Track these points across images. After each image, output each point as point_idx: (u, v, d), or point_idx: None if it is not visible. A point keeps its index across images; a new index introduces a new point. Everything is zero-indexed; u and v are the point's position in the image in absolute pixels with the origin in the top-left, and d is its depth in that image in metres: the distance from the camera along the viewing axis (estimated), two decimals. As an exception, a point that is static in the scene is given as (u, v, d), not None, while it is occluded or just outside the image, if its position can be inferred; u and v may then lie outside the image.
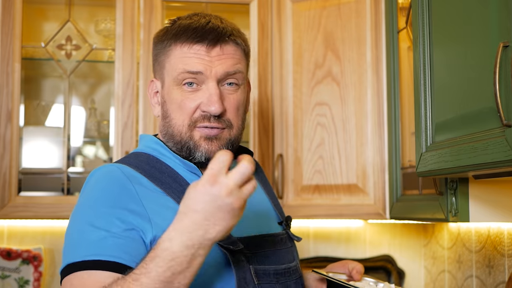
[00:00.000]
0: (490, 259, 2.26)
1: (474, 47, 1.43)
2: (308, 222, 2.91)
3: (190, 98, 1.51)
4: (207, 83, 1.51)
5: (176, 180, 1.49)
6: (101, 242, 1.35)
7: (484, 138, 1.37)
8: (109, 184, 1.43)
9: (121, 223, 1.37)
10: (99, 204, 1.40)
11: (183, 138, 1.52)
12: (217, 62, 1.51)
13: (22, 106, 2.58)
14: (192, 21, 1.53)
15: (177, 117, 1.52)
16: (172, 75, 1.52)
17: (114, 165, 1.49)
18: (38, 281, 2.71)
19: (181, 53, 1.51)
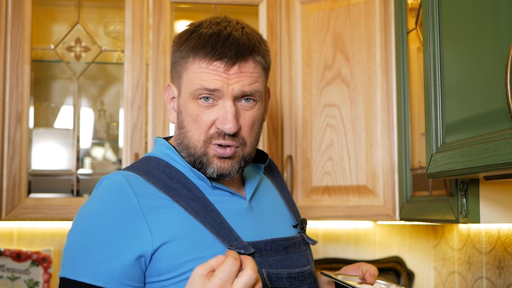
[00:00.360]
0: (501, 260, 2.25)
1: (485, 48, 1.43)
2: (318, 224, 2.91)
3: (206, 113, 1.50)
4: (224, 100, 1.49)
5: (186, 185, 1.50)
6: (94, 266, 1.39)
7: (495, 139, 1.36)
8: (112, 199, 1.44)
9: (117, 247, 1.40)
10: (100, 224, 1.42)
11: (197, 152, 1.52)
12: (234, 80, 1.48)
13: (32, 108, 2.58)
14: (212, 31, 1.50)
15: (193, 130, 1.51)
16: (188, 88, 1.51)
17: (122, 173, 1.49)
18: (48, 283, 2.72)
19: (199, 68, 1.49)
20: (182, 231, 1.43)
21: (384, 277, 2.91)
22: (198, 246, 1.43)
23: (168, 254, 1.41)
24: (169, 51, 2.56)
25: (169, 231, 1.42)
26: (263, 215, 1.59)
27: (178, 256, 1.41)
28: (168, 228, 1.42)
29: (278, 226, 1.61)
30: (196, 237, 1.43)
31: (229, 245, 1.44)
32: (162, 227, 1.42)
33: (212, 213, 1.47)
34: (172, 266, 1.40)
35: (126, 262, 1.39)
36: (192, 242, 1.42)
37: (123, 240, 1.39)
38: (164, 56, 2.56)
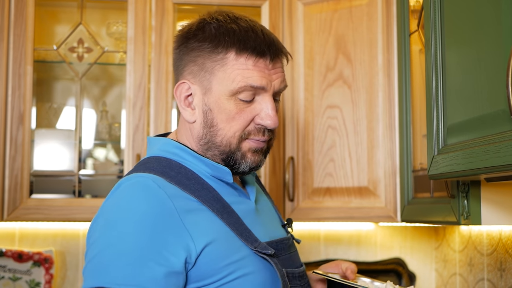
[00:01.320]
0: (502, 262, 2.25)
1: (487, 50, 1.43)
2: (319, 225, 2.91)
3: (246, 111, 1.47)
4: (263, 96, 1.47)
5: (204, 186, 1.46)
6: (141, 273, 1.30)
7: (497, 141, 1.36)
8: (148, 202, 1.35)
9: (160, 255, 1.32)
10: (140, 228, 1.33)
11: (232, 148, 1.48)
12: (274, 76, 1.48)
13: (34, 108, 2.59)
14: (244, 25, 1.47)
15: (227, 128, 1.47)
16: (227, 86, 1.45)
17: (147, 176, 1.40)
18: (49, 284, 2.72)
19: (243, 66, 1.45)
20: (216, 234, 1.39)
21: (385, 279, 2.92)
22: (231, 249, 1.40)
23: (208, 259, 1.36)
24: (171, 52, 2.56)
25: (206, 235, 1.37)
26: (265, 216, 1.60)
27: (217, 260, 1.37)
28: (205, 232, 1.37)
29: (276, 227, 1.61)
30: (228, 240, 1.41)
31: (253, 247, 1.42)
32: (199, 231, 1.37)
33: (232, 215, 1.45)
34: (213, 271, 1.37)
35: (170, 268, 1.32)
36: (227, 246, 1.39)
37: (166, 245, 1.32)
38: (166, 57, 2.56)
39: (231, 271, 1.38)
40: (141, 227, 1.32)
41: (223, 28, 1.47)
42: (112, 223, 1.34)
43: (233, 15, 1.51)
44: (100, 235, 1.34)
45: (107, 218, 1.36)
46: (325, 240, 2.93)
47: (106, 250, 1.32)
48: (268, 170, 2.56)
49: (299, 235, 2.88)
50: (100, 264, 1.31)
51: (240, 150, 1.49)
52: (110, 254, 1.31)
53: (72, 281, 2.80)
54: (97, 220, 1.38)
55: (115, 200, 1.38)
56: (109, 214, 1.36)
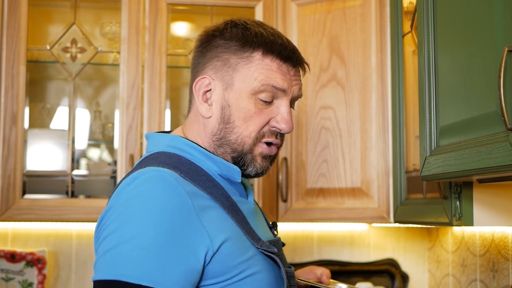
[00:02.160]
0: (495, 263, 2.26)
1: (479, 52, 1.43)
2: (312, 226, 2.91)
3: (264, 113, 1.48)
4: (281, 100, 1.50)
5: (214, 183, 1.45)
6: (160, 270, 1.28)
7: (489, 142, 1.37)
8: (168, 197, 1.33)
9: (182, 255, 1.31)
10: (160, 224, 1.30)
11: (244, 149, 1.49)
12: (294, 83, 1.51)
13: (27, 108, 2.58)
14: (270, 31, 1.50)
15: (244, 126, 1.48)
16: (250, 84, 1.47)
17: (165, 171, 1.38)
18: (42, 284, 2.72)
19: (269, 66, 1.47)
20: (230, 232, 1.39)
21: (378, 280, 2.92)
22: (242, 248, 1.40)
23: (223, 256, 1.36)
24: (165, 52, 2.57)
25: (222, 233, 1.37)
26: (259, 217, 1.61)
27: (231, 258, 1.37)
28: (220, 229, 1.37)
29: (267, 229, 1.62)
30: (239, 238, 1.41)
31: (259, 246, 1.43)
32: (215, 229, 1.36)
33: (239, 213, 1.45)
34: (226, 269, 1.36)
35: (189, 266, 1.31)
36: (239, 244, 1.40)
37: (185, 242, 1.31)
38: (160, 57, 2.56)
39: (242, 270, 1.38)
40: (161, 223, 1.30)
41: (251, 30, 1.50)
42: (131, 217, 1.31)
43: (258, 21, 1.55)
44: (117, 227, 1.31)
45: (124, 211, 1.33)
46: (318, 240, 2.93)
47: (124, 244, 1.29)
48: (261, 171, 2.56)
49: (292, 235, 2.88)
50: (117, 257, 1.29)
51: (252, 152, 1.50)
52: (128, 248, 1.28)
53: (65, 281, 2.80)
54: (112, 212, 1.35)
55: (133, 193, 1.35)
56: (127, 206, 1.33)
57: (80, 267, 2.80)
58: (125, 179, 1.40)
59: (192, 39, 2.79)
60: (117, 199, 1.36)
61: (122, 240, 1.29)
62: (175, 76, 2.86)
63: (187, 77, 2.90)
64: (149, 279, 1.26)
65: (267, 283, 1.42)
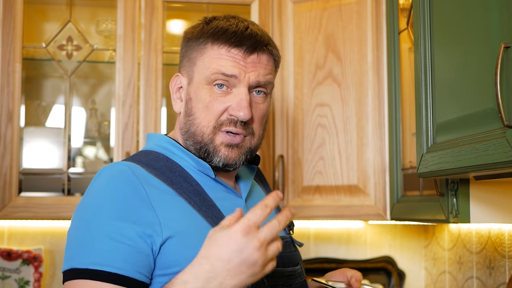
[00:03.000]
0: (491, 260, 2.26)
1: (476, 48, 1.43)
2: (309, 223, 2.91)
3: (219, 100, 1.50)
4: (239, 88, 1.50)
5: (187, 180, 1.48)
6: (107, 252, 1.33)
7: (485, 139, 1.37)
8: (119, 187, 1.39)
9: (128, 234, 1.35)
10: (109, 209, 1.37)
11: (205, 139, 1.51)
12: (251, 69, 1.50)
13: (23, 106, 2.58)
14: (230, 23, 1.52)
15: (202, 117, 1.51)
16: (203, 74, 1.51)
17: (125, 164, 1.45)
18: (39, 282, 2.71)
19: (217, 54, 1.50)
20: (188, 225, 1.41)
21: (375, 277, 2.92)
22: (203, 241, 1.39)
23: (176, 247, 1.38)
24: (161, 50, 2.57)
25: (176, 224, 1.39)
26: None
27: (185, 250, 1.37)
28: (175, 221, 1.39)
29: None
30: (201, 231, 1.40)
31: None
32: (169, 219, 1.39)
33: (212, 209, 1.46)
34: (179, 260, 1.37)
35: (139, 249, 1.35)
36: (198, 237, 1.38)
37: (135, 227, 1.35)
38: (155, 55, 2.56)
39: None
40: (109, 208, 1.36)
41: (213, 24, 1.53)
42: (84, 207, 1.40)
43: (232, 16, 1.57)
44: (74, 219, 1.41)
45: (82, 202, 1.42)
46: (315, 238, 2.93)
47: (77, 233, 1.38)
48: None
49: (289, 233, 2.88)
50: (71, 246, 1.38)
51: (213, 142, 1.51)
52: (79, 236, 1.37)
53: (61, 279, 2.79)
54: (77, 206, 1.44)
55: (91, 186, 1.44)
56: (84, 198, 1.42)
57: (77, 265, 2.79)
58: None
59: (188, 37, 2.78)
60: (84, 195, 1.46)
61: (76, 230, 1.38)
62: (171, 73, 2.83)
63: (183, 74, 2.90)
64: (100, 263, 1.32)
65: None
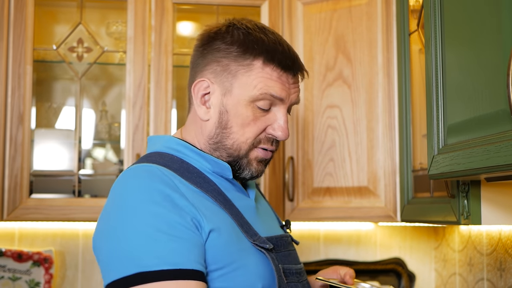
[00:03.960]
0: (502, 262, 2.25)
1: (487, 49, 1.43)
2: (319, 225, 2.91)
3: (261, 120, 1.50)
4: (279, 108, 1.51)
5: (205, 180, 1.48)
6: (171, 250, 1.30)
7: (497, 141, 1.36)
8: (154, 185, 1.37)
9: (180, 227, 1.33)
10: (155, 211, 1.33)
11: (240, 154, 1.51)
12: (293, 91, 1.53)
13: (34, 108, 2.59)
14: (273, 38, 1.50)
15: (241, 133, 1.50)
16: (249, 91, 1.48)
17: (150, 164, 1.43)
18: (49, 283, 2.72)
19: (268, 75, 1.48)
20: (222, 222, 1.41)
21: (385, 279, 2.92)
22: (234, 238, 1.41)
23: (214, 244, 1.37)
24: (171, 51, 2.57)
25: (214, 220, 1.38)
26: (264, 215, 1.61)
27: (222, 247, 1.38)
28: (212, 216, 1.39)
29: (275, 227, 1.63)
30: (231, 229, 1.42)
31: (252, 240, 1.44)
32: (208, 214, 1.38)
33: (233, 208, 1.47)
34: (217, 257, 1.37)
35: (195, 241, 1.33)
36: (231, 234, 1.41)
37: (185, 222, 1.33)
38: (166, 56, 2.56)
39: (233, 260, 1.39)
40: (153, 206, 1.33)
41: (252, 36, 1.50)
42: (124, 210, 1.35)
43: (261, 25, 1.55)
44: (114, 225, 1.35)
45: (117, 208, 1.37)
46: (324, 240, 2.93)
47: (129, 237, 1.31)
48: (268, 170, 2.56)
49: (299, 235, 2.88)
50: (126, 252, 1.30)
51: (247, 157, 1.52)
52: (132, 240, 1.31)
53: (72, 280, 2.80)
54: (105, 212, 1.39)
55: (121, 188, 1.39)
56: (118, 203, 1.37)
57: (87, 267, 2.80)
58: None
59: (198, 39, 2.79)
60: (108, 200, 1.41)
61: (125, 234, 1.32)
62: (181, 75, 2.86)
63: (193, 76, 2.91)
64: (168, 262, 1.28)
65: (258, 277, 1.42)
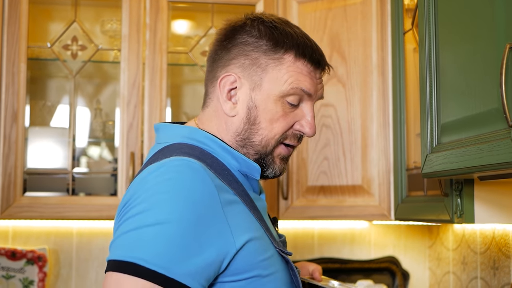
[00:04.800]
0: (495, 260, 2.26)
1: (481, 49, 1.43)
2: (313, 223, 2.91)
3: (290, 116, 1.48)
4: (307, 104, 1.50)
5: (234, 179, 1.43)
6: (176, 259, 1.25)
7: (490, 140, 1.37)
8: (198, 189, 1.30)
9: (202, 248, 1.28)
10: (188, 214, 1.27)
11: (267, 150, 1.48)
12: (319, 86, 1.52)
13: (28, 106, 2.58)
14: (300, 33, 1.49)
15: (269, 128, 1.47)
16: (279, 86, 1.46)
17: (193, 161, 1.34)
18: (43, 282, 2.72)
19: (299, 69, 1.46)
20: (254, 230, 1.37)
21: (379, 277, 2.92)
22: (265, 245, 1.39)
23: (246, 253, 1.34)
24: (166, 50, 2.57)
25: (245, 230, 1.35)
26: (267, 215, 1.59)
27: (254, 256, 1.35)
28: (243, 227, 1.35)
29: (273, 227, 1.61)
30: (262, 236, 1.39)
31: (276, 245, 1.42)
32: (239, 225, 1.34)
33: (257, 212, 1.44)
34: (249, 266, 1.34)
35: (207, 261, 1.28)
36: (262, 242, 1.38)
37: (207, 237, 1.28)
38: (160, 55, 2.56)
39: (264, 268, 1.37)
40: (187, 213, 1.27)
41: (280, 30, 1.47)
42: (158, 202, 1.28)
43: (284, 19, 1.53)
44: (142, 210, 1.27)
45: (152, 195, 1.29)
46: (319, 238, 2.93)
47: (147, 228, 1.25)
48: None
49: (293, 233, 2.89)
50: (137, 239, 1.25)
51: (272, 153, 1.49)
52: (150, 232, 1.25)
53: (66, 279, 2.80)
54: (138, 196, 1.30)
55: (159, 179, 1.30)
56: (155, 192, 1.29)
57: (81, 265, 2.80)
58: (148, 167, 1.36)
59: (193, 37, 2.79)
60: (142, 185, 1.32)
61: (145, 223, 1.26)
62: (176, 74, 2.86)
63: (188, 75, 2.90)
64: (164, 267, 1.23)
65: (285, 283, 1.42)
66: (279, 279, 1.40)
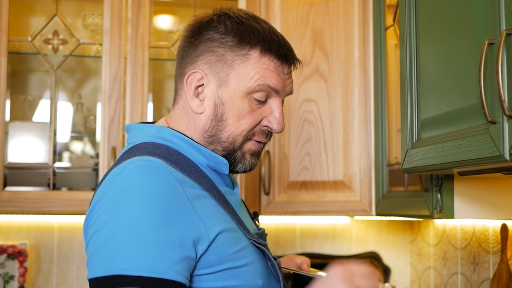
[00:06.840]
0: (475, 256, 2.27)
1: (460, 44, 1.44)
2: (295, 219, 2.91)
3: (257, 112, 1.47)
4: (275, 100, 1.48)
5: (202, 174, 1.43)
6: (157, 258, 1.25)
7: (469, 135, 1.37)
8: (161, 187, 1.30)
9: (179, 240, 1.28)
10: (156, 213, 1.27)
11: (234, 146, 1.47)
12: (288, 82, 1.50)
13: (8, 101, 2.57)
14: (266, 27, 1.48)
15: (236, 125, 1.46)
16: (245, 83, 1.45)
17: (155, 160, 1.34)
18: (23, 277, 2.70)
19: (265, 66, 1.45)
20: (224, 223, 1.38)
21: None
22: (236, 237, 1.39)
23: (218, 245, 1.34)
24: (148, 44, 2.56)
25: (216, 222, 1.35)
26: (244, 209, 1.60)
27: (226, 248, 1.35)
28: (214, 218, 1.35)
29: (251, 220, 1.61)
30: (233, 228, 1.40)
31: (250, 237, 1.42)
32: (210, 218, 1.34)
33: (228, 205, 1.44)
34: (221, 258, 1.35)
35: (186, 254, 1.28)
36: (233, 234, 1.38)
37: (181, 231, 1.28)
38: (142, 49, 2.55)
39: (236, 259, 1.37)
40: (156, 212, 1.27)
41: (247, 25, 1.46)
42: (124, 207, 1.27)
43: (252, 14, 1.51)
44: (109, 219, 1.27)
45: (117, 202, 1.28)
46: (300, 233, 2.93)
47: (119, 235, 1.25)
48: (244, 164, 2.56)
49: (275, 228, 2.89)
50: (112, 250, 1.25)
51: (241, 149, 1.48)
52: (124, 238, 1.24)
53: (47, 274, 2.79)
54: (102, 204, 1.30)
55: (123, 183, 1.30)
56: (119, 197, 1.29)
57: (62, 260, 2.79)
58: (112, 170, 1.36)
59: (175, 32, 2.78)
60: (106, 191, 1.32)
61: (116, 231, 1.25)
62: (158, 68, 2.86)
63: (170, 69, 2.90)
64: (149, 269, 1.23)
65: (260, 274, 1.42)
66: (254, 270, 1.40)
